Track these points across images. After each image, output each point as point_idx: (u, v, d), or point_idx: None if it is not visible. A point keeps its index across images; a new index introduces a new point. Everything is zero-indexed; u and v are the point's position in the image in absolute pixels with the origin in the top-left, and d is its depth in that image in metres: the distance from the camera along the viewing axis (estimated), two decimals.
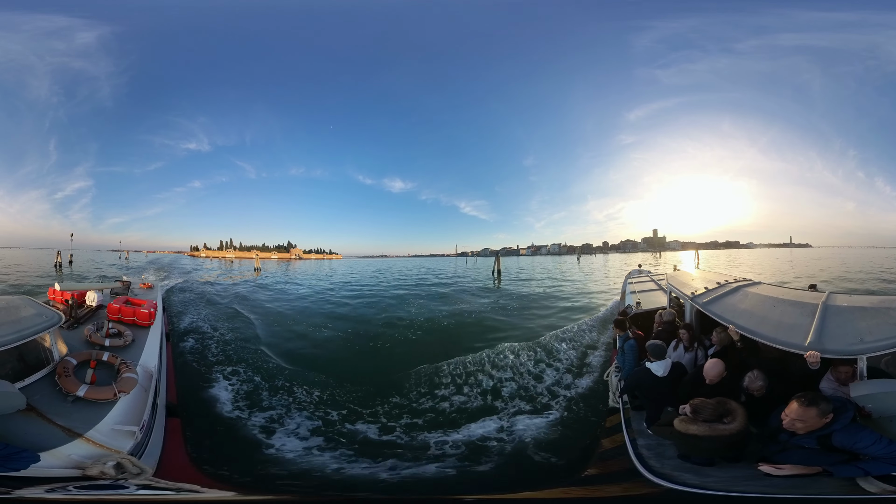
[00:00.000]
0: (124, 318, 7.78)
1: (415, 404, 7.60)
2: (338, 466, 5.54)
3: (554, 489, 4.65)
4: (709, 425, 3.45)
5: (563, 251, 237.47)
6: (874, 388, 3.11)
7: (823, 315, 3.85)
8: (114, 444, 3.99)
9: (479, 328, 14.49)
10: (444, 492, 5.08)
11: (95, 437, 3.91)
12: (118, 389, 4.61)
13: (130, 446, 4.15)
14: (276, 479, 5.29)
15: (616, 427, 5.08)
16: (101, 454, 3.81)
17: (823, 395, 3.11)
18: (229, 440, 6.28)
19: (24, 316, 4.94)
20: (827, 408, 2.94)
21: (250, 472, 5.41)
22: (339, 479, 5.25)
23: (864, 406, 3.07)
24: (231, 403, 7.53)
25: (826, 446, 2.98)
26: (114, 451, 3.90)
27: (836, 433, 2.94)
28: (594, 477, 4.61)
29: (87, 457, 3.74)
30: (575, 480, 4.77)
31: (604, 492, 4.00)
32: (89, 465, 3.66)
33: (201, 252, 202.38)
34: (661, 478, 3.58)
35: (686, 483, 3.42)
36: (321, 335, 13.66)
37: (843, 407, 3.01)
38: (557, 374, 8.90)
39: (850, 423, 2.95)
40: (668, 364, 4.54)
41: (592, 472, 4.71)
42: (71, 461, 3.64)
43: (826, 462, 2.98)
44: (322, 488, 5.09)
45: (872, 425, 3.02)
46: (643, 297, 10.27)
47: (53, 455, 3.57)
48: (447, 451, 5.90)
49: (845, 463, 2.94)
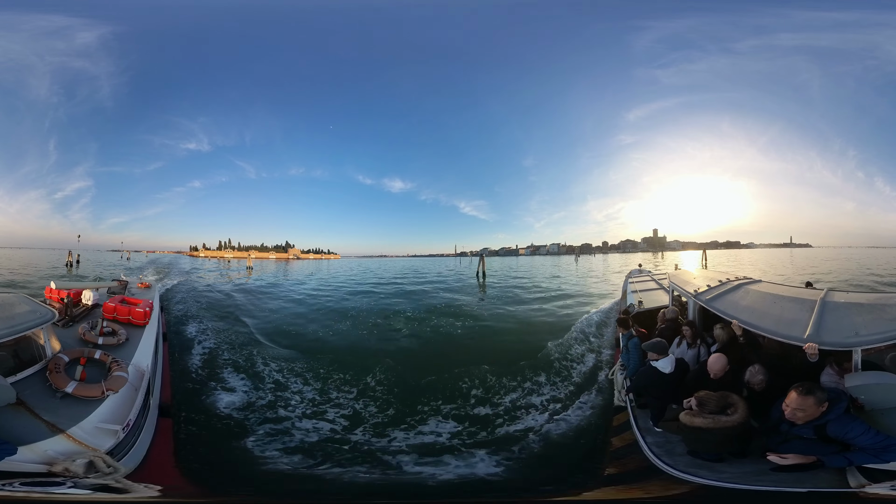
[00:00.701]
0: (119, 316, 7.74)
1: (413, 406, 7.48)
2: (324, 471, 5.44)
3: (592, 490, 4.60)
4: (713, 417, 3.55)
5: (562, 251, 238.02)
6: (867, 380, 3.24)
7: (822, 310, 3.99)
8: (94, 443, 3.95)
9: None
10: (441, 496, 5.03)
11: (77, 434, 3.87)
12: (106, 387, 4.57)
13: (110, 445, 4.10)
14: (265, 481, 5.24)
15: (624, 425, 5.09)
16: (77, 451, 3.77)
17: (819, 385, 3.24)
18: (219, 442, 6.18)
19: (19, 312, 4.93)
20: (823, 396, 3.05)
21: (236, 475, 5.36)
22: (328, 482, 5.18)
23: (857, 397, 3.20)
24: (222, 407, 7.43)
25: (821, 436, 3.07)
26: (90, 449, 3.86)
27: (829, 423, 3.04)
28: (615, 476, 4.60)
29: (62, 453, 3.69)
30: (597, 481, 4.75)
31: (645, 491, 3.97)
32: (59, 461, 3.61)
33: (200, 252, 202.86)
34: (685, 474, 3.64)
35: (707, 479, 3.48)
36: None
37: (838, 398, 3.12)
38: (556, 375, 8.84)
39: (843, 414, 3.05)
40: (672, 360, 4.58)
41: (612, 472, 4.71)
42: (45, 457, 3.60)
43: (821, 452, 3.07)
44: (310, 494, 5.03)
45: (865, 417, 3.12)
46: (644, 297, 10.32)
47: (31, 450, 3.55)
48: (444, 458, 5.78)
49: (836, 453, 3.03)
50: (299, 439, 6.23)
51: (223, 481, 5.20)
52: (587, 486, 4.79)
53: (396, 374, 8.80)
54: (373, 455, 5.80)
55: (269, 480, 5.25)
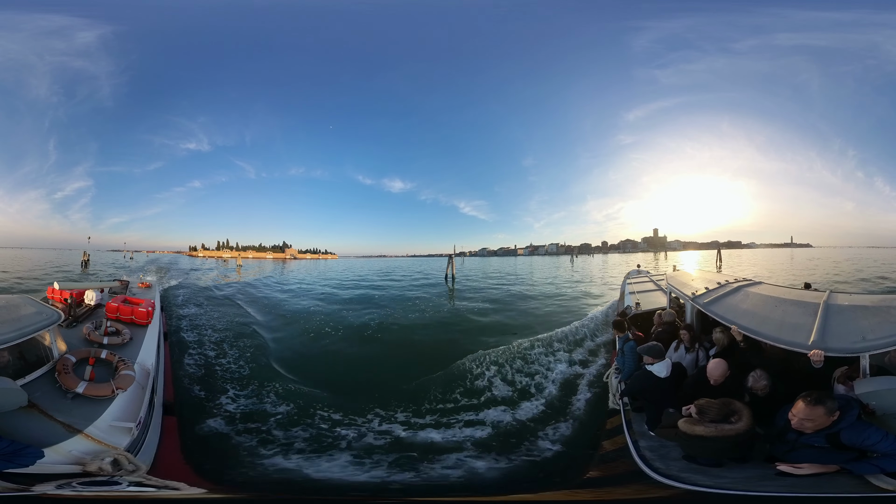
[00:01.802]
0: (122, 316, 7.78)
1: (407, 408, 7.50)
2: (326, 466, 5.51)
3: (557, 492, 4.61)
4: (715, 426, 3.42)
5: (560, 251, 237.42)
6: (878, 386, 3.13)
7: (826, 314, 3.88)
8: (111, 441, 4.01)
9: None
10: (434, 494, 5.04)
11: (94, 433, 3.93)
12: (116, 386, 4.62)
13: (127, 443, 4.16)
14: (269, 478, 5.27)
15: (617, 429, 5.06)
16: (99, 450, 3.83)
17: (828, 394, 3.12)
18: (224, 439, 6.25)
19: (24, 314, 4.95)
20: (833, 406, 2.96)
21: (243, 471, 5.39)
22: (330, 480, 5.21)
23: (868, 403, 3.10)
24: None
25: (836, 444, 2.98)
26: (111, 448, 3.92)
27: (843, 431, 2.96)
28: (597, 479, 4.56)
29: (86, 452, 3.75)
30: (577, 483, 4.73)
31: (613, 494, 3.94)
32: (88, 461, 3.67)
33: (199, 252, 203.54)
34: (670, 479, 3.55)
35: (699, 484, 3.38)
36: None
37: (848, 405, 3.03)
38: (554, 375, 8.84)
39: (856, 421, 2.97)
40: (668, 364, 4.51)
41: (595, 475, 4.67)
42: (72, 457, 3.66)
43: (839, 460, 2.99)
44: (313, 490, 5.06)
45: (877, 422, 3.04)
46: (642, 298, 10.24)
47: (56, 451, 3.59)
48: (435, 455, 5.82)
49: (856, 460, 2.95)
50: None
51: (234, 477, 5.23)
52: (561, 488, 4.78)
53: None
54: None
55: (276, 475, 5.29)
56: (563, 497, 4.34)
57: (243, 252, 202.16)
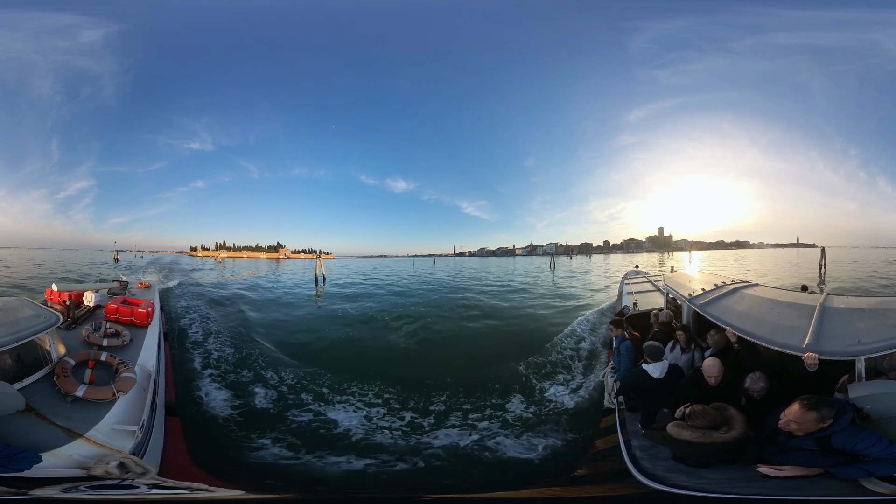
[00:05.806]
0: (122, 318, 7.78)
1: (404, 406, 7.58)
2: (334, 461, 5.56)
3: (535, 489, 4.62)
4: (703, 432, 3.35)
5: (560, 251, 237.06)
6: (873, 389, 3.11)
7: (821, 317, 3.86)
8: (114, 444, 3.99)
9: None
10: (421, 491, 5.08)
11: (96, 436, 3.90)
12: (117, 389, 4.60)
13: (131, 446, 4.14)
14: (278, 476, 5.30)
15: (611, 428, 5.08)
16: (102, 454, 3.81)
17: (827, 401, 3.04)
18: (228, 438, 6.28)
19: (22, 317, 4.93)
20: (828, 413, 2.91)
21: (251, 470, 5.41)
22: (337, 476, 5.25)
23: (862, 407, 3.07)
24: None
25: (825, 447, 2.96)
26: (115, 451, 3.90)
27: (835, 434, 2.92)
28: (583, 477, 4.60)
29: (89, 457, 3.73)
30: (561, 481, 4.76)
31: (585, 492, 3.97)
32: (92, 464, 3.66)
33: (198, 252, 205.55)
34: (653, 479, 3.55)
35: (677, 484, 3.38)
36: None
37: (843, 408, 2.99)
38: (552, 375, 8.87)
39: (849, 425, 2.93)
40: (664, 366, 4.53)
41: (582, 473, 4.70)
42: (73, 461, 3.63)
43: (826, 463, 2.96)
44: (321, 485, 5.09)
45: (872, 426, 3.01)
46: (640, 298, 10.27)
47: (54, 455, 3.56)
48: (425, 452, 5.87)
49: (846, 464, 2.92)
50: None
51: (242, 477, 5.25)
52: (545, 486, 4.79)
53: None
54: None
55: (282, 471, 5.32)
56: (538, 494, 4.34)
57: (238, 252, 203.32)
